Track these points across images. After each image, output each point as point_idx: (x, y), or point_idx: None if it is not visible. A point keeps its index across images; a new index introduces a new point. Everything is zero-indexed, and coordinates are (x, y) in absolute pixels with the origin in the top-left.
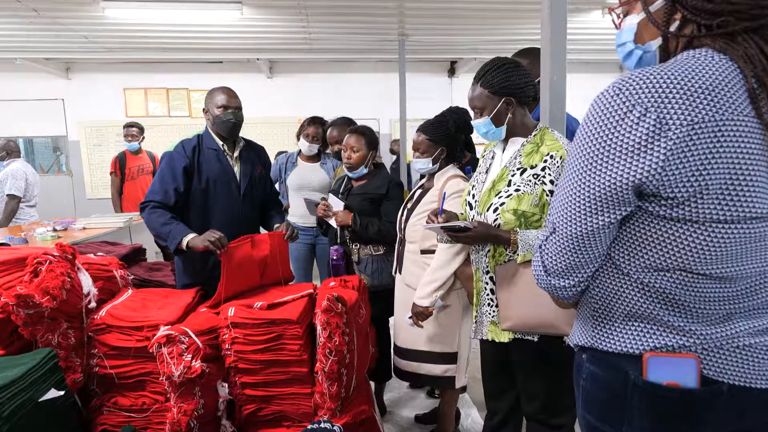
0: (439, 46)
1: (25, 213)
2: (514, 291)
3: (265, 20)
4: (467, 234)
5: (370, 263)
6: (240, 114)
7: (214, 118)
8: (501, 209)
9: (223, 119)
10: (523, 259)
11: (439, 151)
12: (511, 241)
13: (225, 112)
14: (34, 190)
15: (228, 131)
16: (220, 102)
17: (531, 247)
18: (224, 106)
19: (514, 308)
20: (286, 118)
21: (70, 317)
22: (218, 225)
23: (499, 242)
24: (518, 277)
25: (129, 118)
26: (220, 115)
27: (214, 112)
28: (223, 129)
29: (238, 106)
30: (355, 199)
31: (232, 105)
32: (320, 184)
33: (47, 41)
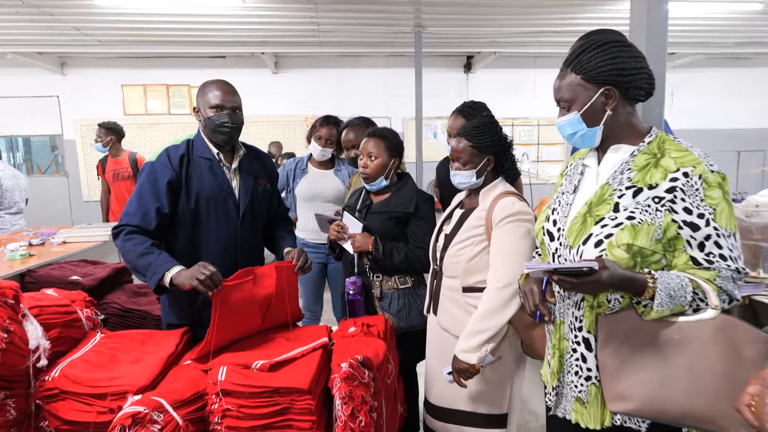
0: (457, 38)
1: (5, 221)
2: (636, 359)
3: (270, 10)
4: (594, 278)
5: (396, 299)
6: (238, 116)
7: (206, 121)
8: (608, 243)
9: (216, 123)
10: (657, 316)
11: (485, 161)
12: (646, 289)
13: (219, 113)
14: (14, 196)
15: (223, 137)
16: (213, 100)
17: (673, 300)
18: (218, 106)
19: (635, 384)
20: (293, 116)
21: (9, 382)
22: (212, 254)
23: (632, 289)
24: (643, 337)
25: (127, 116)
26: (213, 117)
27: (206, 113)
28: (216, 135)
29: (236, 106)
30: (375, 219)
31: (228, 104)
32: (334, 195)
33: (38, 33)
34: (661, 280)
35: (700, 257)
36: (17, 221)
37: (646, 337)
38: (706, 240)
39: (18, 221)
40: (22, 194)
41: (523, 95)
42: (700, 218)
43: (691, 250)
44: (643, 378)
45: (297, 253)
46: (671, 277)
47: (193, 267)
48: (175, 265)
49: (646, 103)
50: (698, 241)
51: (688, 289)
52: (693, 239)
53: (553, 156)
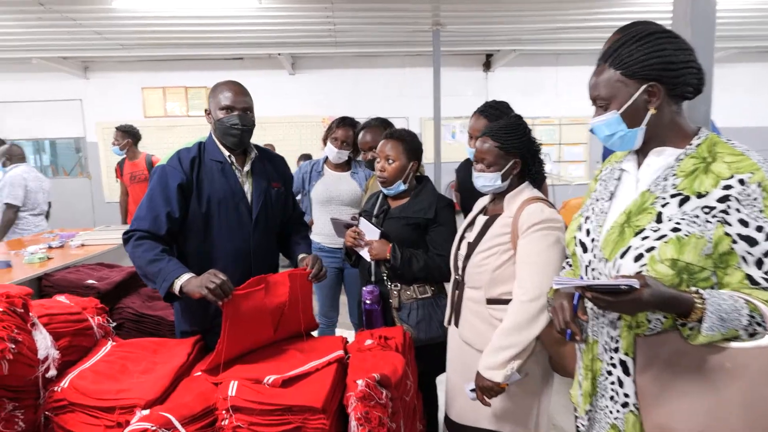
0: (476, 36)
1: (28, 223)
2: (680, 386)
3: (286, 10)
4: (633, 297)
5: (415, 310)
6: (249, 117)
7: (216, 123)
8: (649, 258)
9: (226, 124)
10: (706, 341)
11: (511, 164)
12: (694, 310)
13: (229, 114)
14: (37, 197)
15: (233, 139)
16: (223, 101)
17: (725, 324)
18: (228, 107)
19: (679, 414)
20: (310, 117)
21: (18, 393)
22: (224, 260)
23: (676, 310)
24: (688, 363)
25: (147, 119)
26: (223, 118)
27: (216, 115)
28: (226, 137)
29: (246, 107)
30: (393, 225)
31: (238, 105)
32: (350, 198)
33: (62, 38)
34: (711, 301)
35: (758, 276)
36: (40, 222)
37: (692, 363)
38: (765, 256)
39: (40, 222)
40: (45, 196)
41: (544, 94)
42: (759, 231)
43: (747, 268)
44: (688, 408)
45: (312, 261)
46: (723, 298)
47: (203, 275)
48: (185, 272)
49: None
50: (756, 258)
51: (743, 312)
52: (749, 255)
53: (575, 156)
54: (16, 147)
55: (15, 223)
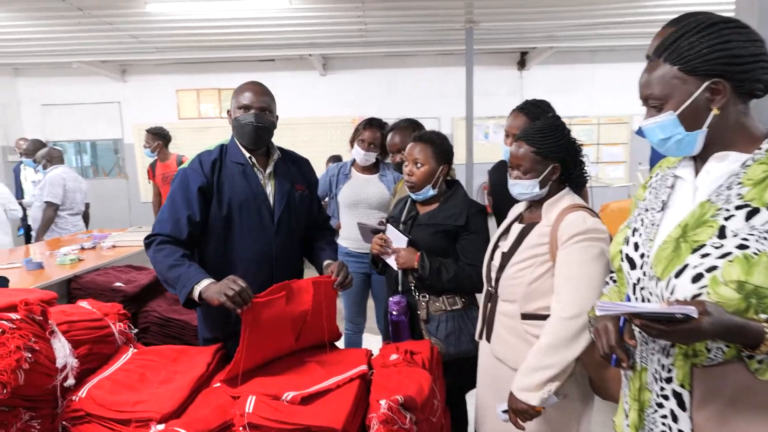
0: (510, 34)
1: (66, 222)
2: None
3: (317, 11)
4: (691, 326)
5: (444, 323)
6: (266, 116)
7: (233, 121)
8: (710, 279)
9: (241, 122)
10: None
11: (550, 169)
12: (764, 341)
13: (245, 113)
14: (75, 197)
15: (248, 138)
16: (242, 100)
17: None
18: (246, 106)
19: None
20: (341, 118)
21: (34, 402)
22: (245, 264)
23: (742, 341)
24: (757, 401)
25: (181, 120)
26: (239, 116)
27: (234, 114)
28: (242, 135)
29: (264, 107)
30: (422, 232)
31: (255, 104)
32: (378, 201)
33: (100, 43)
34: None
35: None
36: (77, 222)
37: (761, 401)
38: None
39: (78, 222)
40: (83, 197)
41: (582, 92)
42: None
43: None
44: None
45: (337, 268)
46: None
47: (222, 281)
48: (204, 278)
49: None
50: None
51: None
52: None
53: (614, 157)
54: (55, 149)
55: (54, 221)
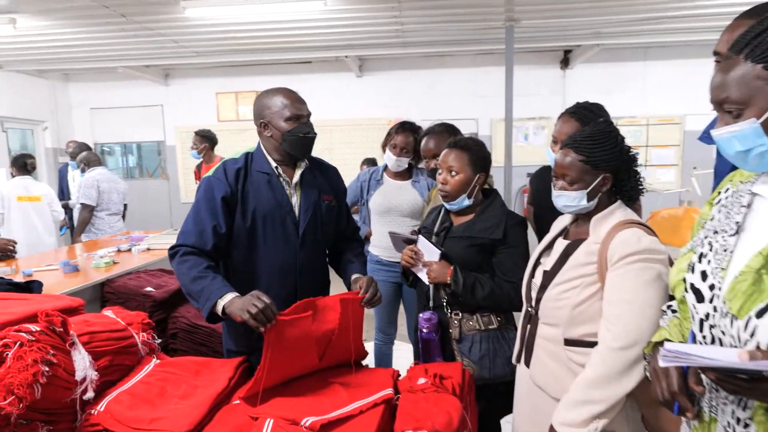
0: (553, 31)
1: (103, 222)
2: None
3: (352, 12)
4: None
5: (478, 343)
6: (312, 123)
7: (284, 134)
8: None
9: (298, 134)
10: None
11: (600, 180)
12: None
13: (299, 124)
14: (111, 198)
15: (305, 149)
16: (289, 111)
17: None
18: (295, 117)
19: None
20: (377, 119)
21: (53, 415)
22: (269, 276)
23: None
24: None
25: (221, 123)
26: (293, 129)
27: (281, 126)
28: (298, 146)
29: (310, 114)
30: (455, 245)
31: (305, 113)
32: (410, 208)
33: (143, 48)
34: None
35: None
36: (115, 223)
37: None
38: None
39: (116, 222)
40: (120, 197)
41: (630, 91)
42: None
43: None
44: None
45: (366, 284)
46: None
47: (246, 296)
48: (228, 292)
49: None
50: None
51: None
52: None
53: (664, 159)
54: (92, 153)
55: (91, 222)
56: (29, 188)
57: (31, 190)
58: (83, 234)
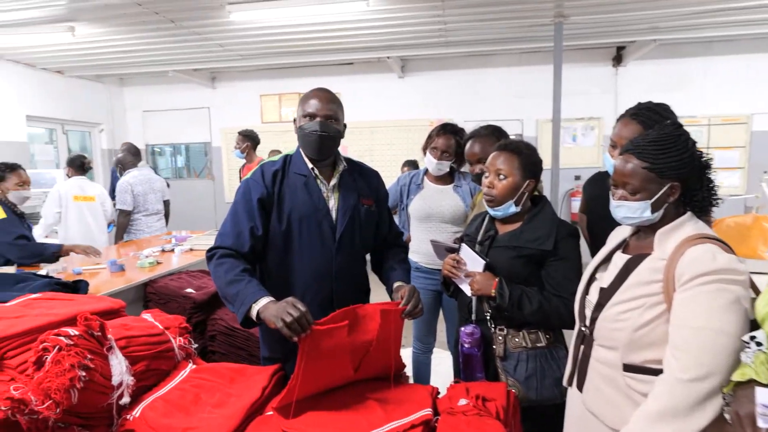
0: (606, 27)
1: (141, 223)
2: None
3: (395, 11)
4: None
5: (524, 362)
6: (331, 125)
7: (298, 131)
8: None
9: (305, 131)
10: None
11: (666, 189)
12: None
13: (310, 121)
14: (147, 199)
15: (312, 148)
16: (308, 108)
17: None
18: (311, 114)
19: None
20: (419, 120)
21: (89, 420)
22: (304, 282)
23: None
24: None
25: (264, 124)
26: (303, 125)
27: (299, 122)
28: (306, 145)
29: (329, 114)
30: (501, 255)
31: (320, 112)
32: (452, 214)
33: (192, 52)
34: None
35: None
36: (154, 222)
37: None
38: None
39: (155, 223)
40: (157, 196)
41: (689, 89)
42: None
43: None
44: None
45: (408, 294)
46: None
47: (280, 303)
48: (263, 297)
49: None
50: None
51: None
52: None
53: (728, 162)
54: (127, 155)
55: (129, 224)
56: (84, 188)
57: (86, 190)
58: (125, 235)
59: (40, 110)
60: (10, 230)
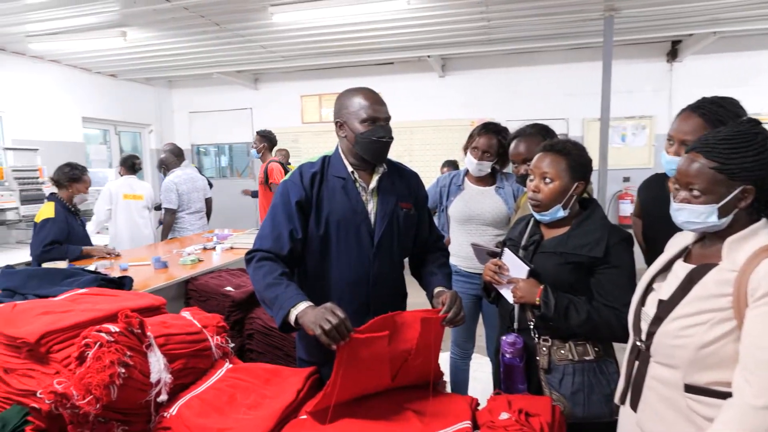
0: (660, 20)
1: (184, 221)
2: None
3: (436, 9)
4: None
5: (571, 375)
6: (390, 128)
7: (357, 136)
8: None
9: (371, 137)
10: None
11: (737, 193)
12: None
13: (373, 126)
14: (191, 197)
15: (379, 154)
16: (365, 112)
17: None
18: (372, 119)
19: None
20: (459, 120)
21: (128, 416)
22: (340, 286)
23: None
24: None
25: (305, 125)
26: (366, 132)
27: (356, 128)
28: (370, 151)
29: (388, 117)
30: (547, 261)
31: (382, 116)
32: (493, 217)
33: (234, 54)
34: None
35: None
36: (197, 221)
37: None
38: None
39: (197, 221)
40: (200, 194)
41: (754, 85)
42: None
43: None
44: None
45: (449, 300)
46: None
47: (319, 308)
48: (301, 301)
49: None
50: None
51: None
52: None
53: None
54: (170, 155)
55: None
56: (134, 187)
57: (135, 188)
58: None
59: (95, 112)
60: (44, 237)
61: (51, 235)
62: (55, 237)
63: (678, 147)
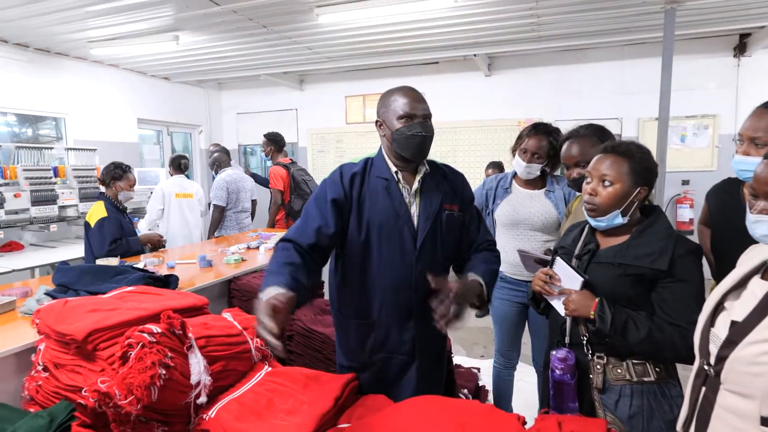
0: (728, 11)
1: (230, 219)
2: None
3: (483, 6)
4: None
5: (628, 398)
6: (430, 126)
7: (393, 133)
8: None
9: (406, 133)
10: None
11: None
12: None
13: (410, 123)
14: (239, 197)
15: (415, 150)
16: (402, 109)
17: None
18: (408, 115)
19: None
20: (505, 120)
21: (168, 417)
22: (382, 291)
23: None
24: None
25: (348, 125)
26: (402, 128)
27: (393, 125)
28: (407, 148)
29: (426, 114)
30: (603, 272)
31: (419, 113)
32: (543, 222)
33: (281, 56)
34: None
35: None
36: (243, 219)
37: None
38: None
39: (243, 220)
40: (247, 194)
41: None
42: None
43: None
44: None
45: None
46: None
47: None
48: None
49: None
50: None
51: None
52: None
53: None
54: (222, 155)
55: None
56: (184, 186)
57: (186, 187)
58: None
59: (149, 113)
60: (106, 235)
61: (110, 233)
62: (114, 234)
63: (747, 145)
